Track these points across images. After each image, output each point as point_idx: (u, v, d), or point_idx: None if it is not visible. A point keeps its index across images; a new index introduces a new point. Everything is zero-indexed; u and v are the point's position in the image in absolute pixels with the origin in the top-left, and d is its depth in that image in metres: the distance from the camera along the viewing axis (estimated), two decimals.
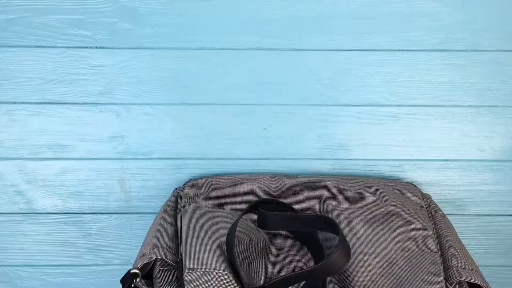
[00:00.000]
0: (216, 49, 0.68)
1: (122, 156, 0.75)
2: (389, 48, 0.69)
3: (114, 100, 0.71)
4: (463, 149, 0.75)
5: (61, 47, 0.68)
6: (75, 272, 0.82)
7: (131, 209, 0.79)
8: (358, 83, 0.70)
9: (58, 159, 0.74)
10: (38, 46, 0.67)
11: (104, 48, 0.68)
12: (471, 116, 0.73)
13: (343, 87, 0.71)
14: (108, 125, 0.72)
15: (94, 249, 0.81)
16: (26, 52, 0.68)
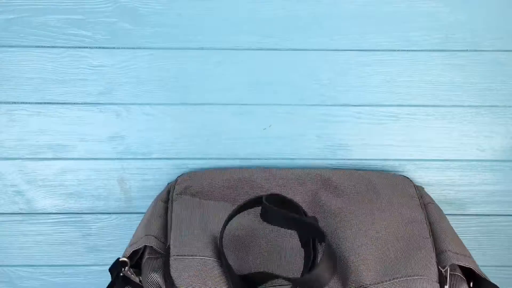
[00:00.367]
0: (216, 49, 0.68)
1: (122, 156, 0.75)
2: (389, 48, 0.69)
3: (114, 100, 0.71)
4: (463, 149, 0.74)
5: (61, 47, 0.68)
6: (75, 272, 0.82)
7: (131, 209, 0.79)
8: (358, 83, 0.70)
9: (58, 159, 0.74)
10: (38, 46, 0.67)
11: (104, 48, 0.68)
12: (471, 116, 0.73)
13: (343, 87, 0.71)
14: (108, 125, 0.72)
15: (94, 249, 0.81)
16: (26, 52, 0.68)
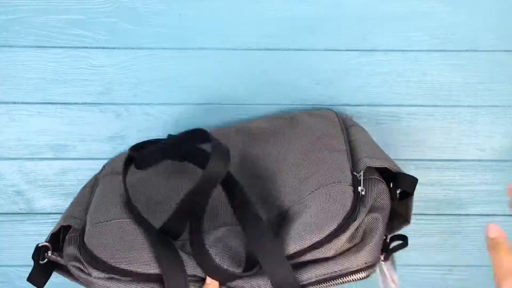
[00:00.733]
0: (216, 49, 0.68)
1: None
2: (389, 48, 0.69)
3: (114, 100, 0.71)
4: (463, 149, 0.74)
5: (61, 47, 0.68)
6: None
7: None
8: (358, 83, 0.70)
9: (58, 159, 0.74)
10: (38, 46, 0.67)
11: (104, 48, 0.68)
12: (471, 116, 0.73)
13: (343, 87, 0.71)
14: (108, 125, 0.72)
15: None
16: (26, 52, 0.68)
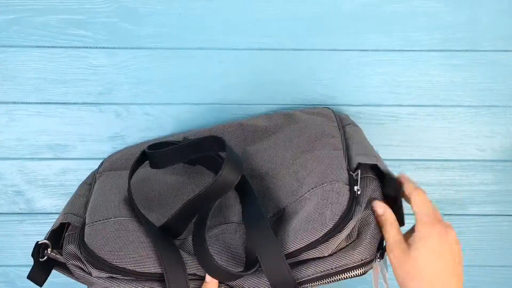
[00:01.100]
0: (216, 49, 0.68)
1: None
2: (389, 48, 0.69)
3: (114, 100, 0.71)
4: (463, 149, 0.75)
5: (61, 47, 0.68)
6: None
7: None
8: (358, 83, 0.70)
9: (58, 159, 0.74)
10: (38, 46, 0.67)
11: (104, 48, 0.68)
12: (471, 116, 0.73)
13: (343, 87, 0.71)
14: (108, 125, 0.72)
15: None
16: (26, 52, 0.68)
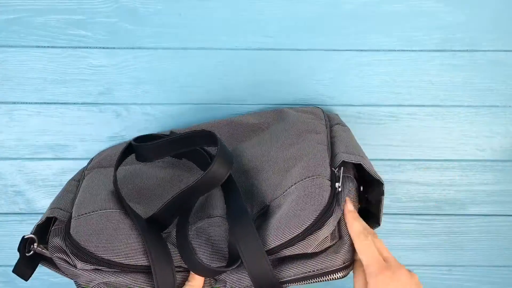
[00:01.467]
0: (216, 49, 0.68)
1: None
2: (389, 48, 0.69)
3: (114, 100, 0.71)
4: (463, 149, 0.75)
5: (61, 47, 0.68)
6: None
7: None
8: (358, 83, 0.70)
9: (58, 159, 0.74)
10: (38, 46, 0.67)
11: (104, 48, 0.68)
12: (471, 116, 0.73)
13: (343, 87, 0.71)
14: (108, 125, 0.72)
15: None
16: (26, 52, 0.68)
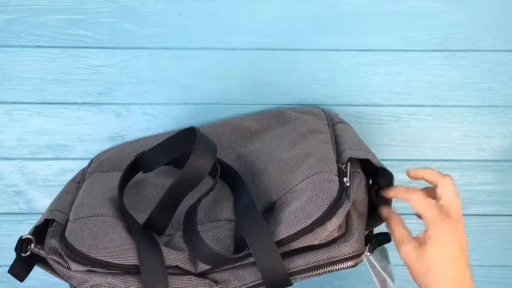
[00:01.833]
0: (216, 49, 0.68)
1: None
2: (389, 48, 0.69)
3: (114, 100, 0.71)
4: (463, 149, 0.75)
5: (61, 47, 0.68)
6: None
7: None
8: (358, 83, 0.70)
9: (58, 159, 0.74)
10: (38, 46, 0.67)
11: (104, 48, 0.68)
12: (471, 116, 0.73)
13: (343, 87, 0.71)
14: (108, 125, 0.72)
15: None
16: (26, 52, 0.68)
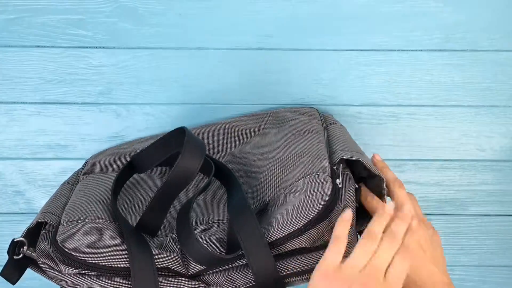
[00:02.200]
0: (216, 49, 0.68)
1: None
2: (389, 48, 0.69)
3: (114, 100, 0.71)
4: (463, 149, 0.75)
5: (61, 47, 0.68)
6: None
7: None
8: (358, 83, 0.70)
9: (58, 159, 0.74)
10: (38, 46, 0.67)
11: (104, 48, 0.68)
12: (471, 116, 0.73)
13: (343, 87, 0.71)
14: (108, 125, 0.72)
15: None
16: (26, 52, 0.68)
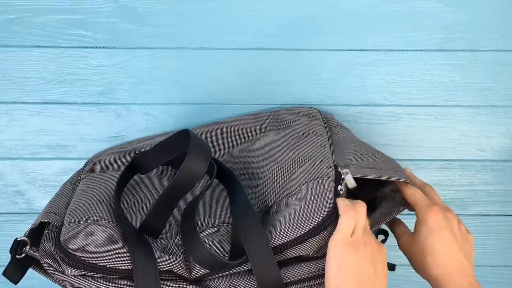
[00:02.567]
0: (216, 49, 0.68)
1: None
2: (389, 48, 0.69)
3: (114, 100, 0.71)
4: (463, 149, 0.75)
5: (61, 47, 0.68)
6: None
7: None
8: (358, 83, 0.71)
9: (58, 159, 0.74)
10: (38, 46, 0.67)
11: (104, 48, 0.68)
12: (471, 116, 0.73)
13: (343, 87, 0.71)
14: (108, 125, 0.72)
15: None
16: (26, 52, 0.68)
